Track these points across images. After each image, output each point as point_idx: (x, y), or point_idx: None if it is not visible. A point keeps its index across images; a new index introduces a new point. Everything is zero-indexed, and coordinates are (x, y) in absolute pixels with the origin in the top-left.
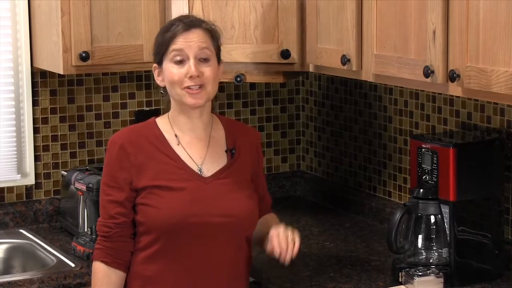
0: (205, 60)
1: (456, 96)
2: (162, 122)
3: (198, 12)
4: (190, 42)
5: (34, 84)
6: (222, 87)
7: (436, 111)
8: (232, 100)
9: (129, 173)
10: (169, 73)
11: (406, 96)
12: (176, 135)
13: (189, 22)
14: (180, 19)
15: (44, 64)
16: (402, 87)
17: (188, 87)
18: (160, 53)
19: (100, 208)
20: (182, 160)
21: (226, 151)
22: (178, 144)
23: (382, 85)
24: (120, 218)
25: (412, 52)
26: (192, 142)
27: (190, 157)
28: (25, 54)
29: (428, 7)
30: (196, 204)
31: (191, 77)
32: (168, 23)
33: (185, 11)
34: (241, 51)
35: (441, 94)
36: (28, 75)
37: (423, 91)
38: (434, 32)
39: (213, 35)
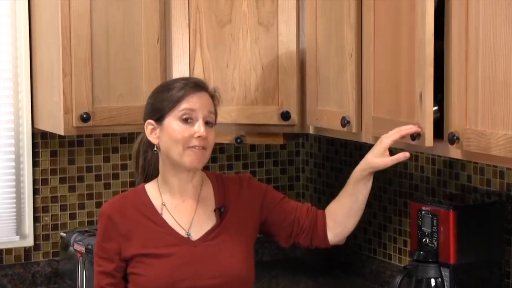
0: (209, 124)
1: (456, 159)
2: (151, 188)
3: (199, 73)
4: (201, 104)
5: (34, 145)
6: (222, 148)
7: (436, 174)
8: (232, 161)
9: (118, 242)
10: (174, 130)
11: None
12: (163, 203)
13: (198, 83)
14: (185, 78)
15: (45, 125)
16: (402, 149)
17: (193, 147)
18: (163, 110)
19: (94, 279)
20: (169, 226)
21: (214, 211)
22: (163, 212)
23: None
24: None
25: (403, 115)
26: (179, 206)
27: (177, 222)
28: (26, 115)
29: (415, 70)
30: (185, 269)
31: (199, 137)
32: (169, 81)
33: (186, 72)
34: (242, 113)
35: (440, 156)
36: (28, 136)
37: (423, 153)
38: (420, 95)
39: (215, 101)
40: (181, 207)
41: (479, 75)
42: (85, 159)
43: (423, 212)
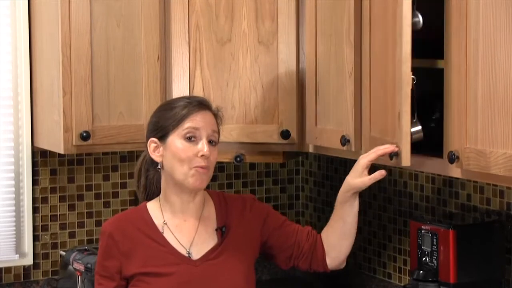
0: (212, 143)
1: (456, 178)
2: (153, 206)
3: (198, 92)
4: (205, 122)
5: (34, 164)
6: (222, 166)
7: (436, 193)
8: (232, 180)
9: (118, 261)
10: (178, 149)
11: (406, 177)
12: (164, 222)
13: (202, 101)
14: (189, 97)
15: (45, 143)
16: (402, 168)
17: (196, 167)
18: (166, 128)
19: None
20: (171, 245)
21: (216, 230)
22: (164, 230)
23: (381, 166)
24: None
25: (389, 134)
26: (181, 225)
27: (178, 241)
28: (26, 133)
29: (396, 89)
30: None
31: (203, 155)
32: (173, 100)
33: (186, 91)
34: (241, 131)
35: (440, 175)
36: (28, 154)
37: (423, 172)
38: (399, 115)
39: (218, 120)
40: (183, 226)
41: (478, 94)
42: (85, 178)
43: (423, 231)
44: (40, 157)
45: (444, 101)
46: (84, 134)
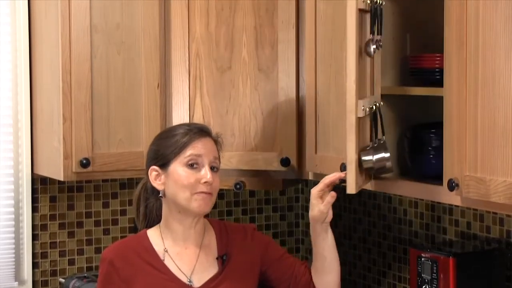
0: (214, 169)
1: (456, 206)
2: (153, 234)
3: (198, 119)
4: (206, 149)
5: (34, 190)
6: (221, 194)
7: (436, 220)
8: (232, 207)
9: None
10: (181, 176)
11: (405, 205)
12: (165, 249)
13: (203, 128)
14: (188, 124)
15: (45, 170)
16: (401, 196)
17: (199, 193)
18: (168, 156)
19: None
20: (172, 273)
21: (217, 258)
22: (165, 258)
23: (381, 193)
24: None
25: None
26: (182, 252)
27: (179, 268)
28: (25, 160)
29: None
30: None
31: (206, 182)
32: (173, 127)
33: (185, 118)
34: (241, 158)
35: (440, 203)
36: (28, 181)
37: (422, 200)
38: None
39: (219, 147)
40: (184, 254)
41: (478, 122)
42: (85, 205)
43: (423, 259)
44: (40, 184)
45: (443, 129)
46: (84, 161)
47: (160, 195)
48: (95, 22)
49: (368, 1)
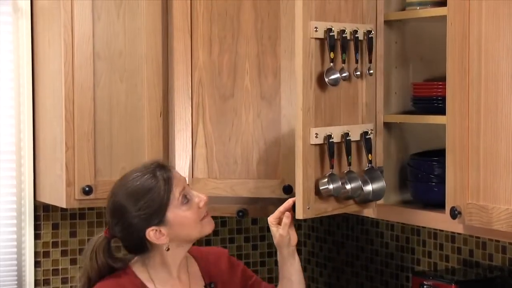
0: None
1: (458, 233)
2: (138, 270)
3: (201, 146)
4: (180, 177)
5: (36, 218)
6: (224, 221)
7: (438, 248)
8: (234, 235)
9: None
10: (186, 216)
11: (408, 233)
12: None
13: (164, 164)
14: (146, 169)
15: (47, 197)
16: (404, 224)
17: (205, 216)
18: (161, 210)
19: None
20: None
21: (205, 286)
22: None
23: (384, 221)
24: None
25: None
26: (175, 285)
27: None
28: (28, 187)
29: None
30: None
31: (205, 203)
32: (136, 185)
33: (188, 146)
34: (244, 186)
35: (442, 231)
36: (30, 208)
37: (425, 227)
38: None
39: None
40: (178, 285)
41: (480, 150)
42: (87, 232)
43: (425, 287)
44: (42, 211)
45: (446, 157)
46: (87, 189)
47: (166, 248)
48: (98, 50)
49: (325, 29)
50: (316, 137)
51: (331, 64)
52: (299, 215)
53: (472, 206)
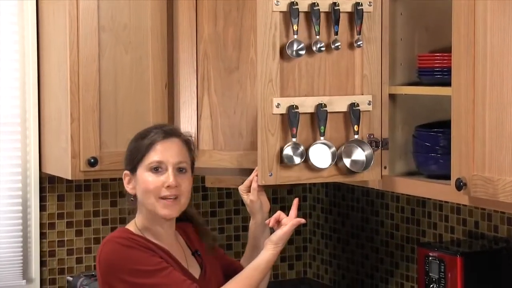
0: (182, 171)
1: (463, 205)
2: (134, 231)
3: (206, 119)
4: (169, 152)
5: (42, 189)
6: (229, 193)
7: (443, 219)
8: (239, 206)
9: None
10: (145, 181)
11: (413, 204)
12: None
13: (168, 130)
14: (158, 126)
15: (52, 169)
16: (409, 195)
17: (164, 197)
18: (134, 160)
19: None
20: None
21: (193, 254)
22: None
23: (389, 192)
24: None
25: None
26: (172, 249)
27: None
28: (33, 159)
29: None
30: None
31: (168, 186)
32: (145, 130)
33: (193, 118)
34: (249, 158)
35: (448, 202)
36: (36, 180)
37: (430, 199)
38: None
39: (189, 147)
40: (175, 249)
41: (486, 121)
42: (92, 204)
43: (430, 258)
44: (47, 183)
45: (451, 129)
46: (92, 160)
47: (132, 198)
48: (103, 23)
49: (288, 3)
50: (278, 107)
51: (295, 36)
52: (260, 181)
53: (477, 177)
